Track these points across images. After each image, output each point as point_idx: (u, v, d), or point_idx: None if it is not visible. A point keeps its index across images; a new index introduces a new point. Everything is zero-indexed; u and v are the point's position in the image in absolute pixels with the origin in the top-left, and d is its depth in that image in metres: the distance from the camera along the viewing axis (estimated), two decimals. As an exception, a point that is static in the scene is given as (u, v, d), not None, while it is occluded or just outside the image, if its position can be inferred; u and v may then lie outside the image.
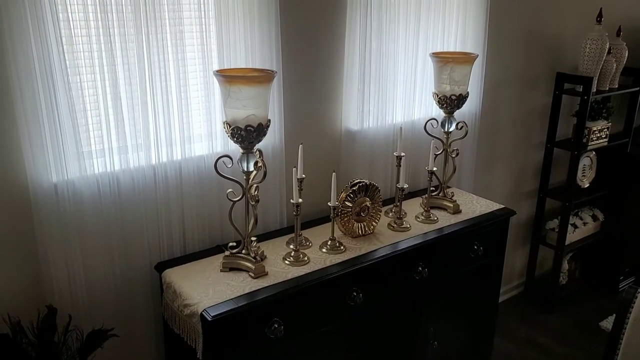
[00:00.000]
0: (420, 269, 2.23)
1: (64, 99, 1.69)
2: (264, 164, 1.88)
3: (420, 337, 2.38)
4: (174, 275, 1.91)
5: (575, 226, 3.54)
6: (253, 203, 1.88)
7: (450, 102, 2.41)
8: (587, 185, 3.49)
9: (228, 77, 1.76)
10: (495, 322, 2.73)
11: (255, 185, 1.88)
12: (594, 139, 3.31)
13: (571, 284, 3.72)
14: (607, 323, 3.33)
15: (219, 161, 1.84)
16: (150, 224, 1.97)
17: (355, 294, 2.03)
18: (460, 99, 2.42)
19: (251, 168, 1.84)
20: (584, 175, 3.48)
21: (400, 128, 2.31)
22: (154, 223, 1.98)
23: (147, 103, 1.86)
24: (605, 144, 3.40)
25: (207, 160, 2.04)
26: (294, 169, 2.00)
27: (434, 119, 2.53)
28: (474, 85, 2.79)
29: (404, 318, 2.39)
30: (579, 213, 3.64)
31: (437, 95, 2.43)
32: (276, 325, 1.82)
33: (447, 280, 2.40)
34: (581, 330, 3.35)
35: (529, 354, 3.14)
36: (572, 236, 3.49)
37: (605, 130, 3.37)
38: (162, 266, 1.97)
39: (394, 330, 2.46)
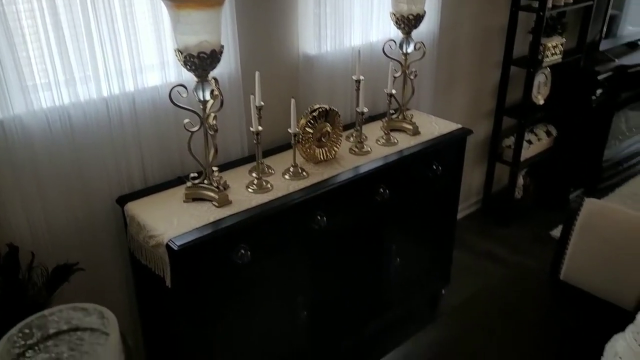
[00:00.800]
0: (381, 190, 2.29)
1: (0, 30, 1.59)
2: (220, 93, 1.85)
3: (383, 255, 2.49)
4: (136, 208, 1.91)
5: (530, 142, 3.66)
6: (212, 133, 1.86)
7: (408, 22, 2.38)
8: (542, 102, 3.57)
9: (176, 0, 1.68)
10: (454, 238, 2.86)
11: (212, 114, 1.85)
12: (548, 55, 3.35)
13: (525, 198, 3.90)
14: (557, 232, 3.52)
15: (173, 91, 1.79)
16: (108, 159, 1.93)
17: (319, 217, 2.08)
18: (418, 19, 2.39)
19: (207, 97, 1.80)
20: (539, 93, 3.55)
21: (359, 51, 2.28)
22: (111, 157, 1.94)
23: (92, 32, 1.77)
24: (560, 60, 3.45)
25: (161, 90, 1.98)
26: (251, 96, 1.96)
27: (392, 40, 2.50)
28: (432, 3, 2.74)
29: (368, 238, 2.48)
30: (534, 130, 3.75)
31: (395, 15, 2.39)
32: (242, 252, 1.86)
33: (408, 201, 2.48)
34: (534, 241, 3.55)
35: (486, 264, 3.33)
36: (526, 152, 3.62)
37: (560, 46, 3.41)
38: (123, 200, 1.96)
39: (358, 250, 2.56)
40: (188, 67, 1.74)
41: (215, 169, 1.97)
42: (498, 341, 1.71)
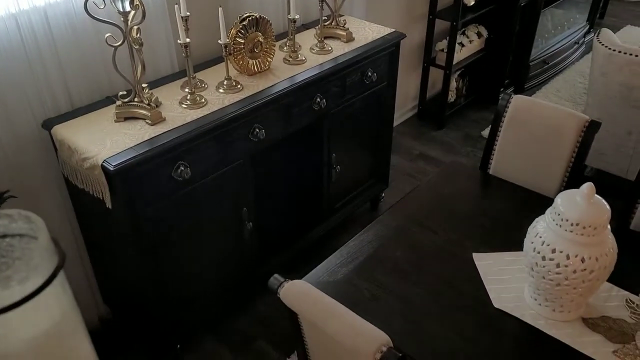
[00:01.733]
0: (318, 100, 2.29)
1: None
2: (141, 2, 1.73)
3: (323, 164, 2.54)
4: (65, 132, 1.83)
5: (462, 45, 3.71)
6: (137, 47, 1.76)
7: None
8: (473, 2, 3.58)
9: None
10: (391, 143, 2.94)
11: (135, 27, 1.75)
12: (479, -46, 3.32)
13: (459, 100, 4.01)
14: (488, 131, 3.70)
15: (89, 2, 1.66)
16: (26, 81, 1.81)
17: (257, 130, 2.07)
18: None
19: (127, 7, 1.69)
20: (470, -7, 3.55)
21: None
22: (29, 79, 1.82)
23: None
24: (490, -41, 3.43)
25: (76, 3, 1.84)
26: (175, 6, 1.86)
27: (321, -60, 2.39)
28: None
29: (308, 148, 2.51)
30: (465, 32, 3.79)
31: None
32: (182, 168, 1.85)
33: (345, 109, 2.50)
34: (466, 140, 3.71)
35: (421, 165, 3.47)
36: (459, 55, 3.67)
37: (490, -56, 3.38)
38: (49, 124, 1.87)
39: (298, 160, 2.60)
40: (102, -26, 1.61)
41: (144, 85, 1.89)
42: (433, 230, 1.83)
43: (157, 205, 1.84)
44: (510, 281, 1.67)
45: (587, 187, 1.40)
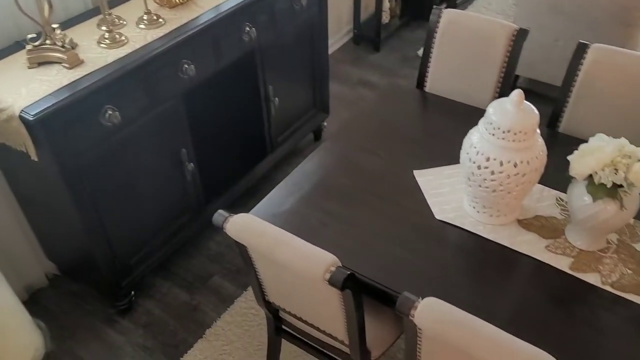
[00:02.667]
0: (247, 29, 2.20)
1: None
2: None
3: (261, 97, 2.48)
4: (-27, 84, 1.69)
5: (392, -37, 3.62)
6: (40, -17, 1.61)
7: None
8: None
9: None
10: (329, 71, 2.90)
11: (35, -40, 1.59)
12: None
13: (393, 21, 3.96)
14: (424, 51, 3.70)
15: None
16: None
17: (186, 66, 1.98)
18: None
19: (22, -62, 1.53)
20: None
21: None
22: None
23: None
24: None
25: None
26: None
27: None
28: None
29: (243, 82, 2.44)
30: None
31: None
32: (110, 112, 1.76)
33: (277, 38, 2.41)
34: (404, 62, 3.70)
35: (361, 91, 3.46)
36: (389, -26, 3.59)
37: None
38: (-45, 77, 1.72)
39: (234, 95, 2.52)
40: None
41: (55, 26, 1.75)
42: (375, 153, 1.85)
43: (88, 154, 1.76)
44: (450, 193, 1.72)
45: (516, 94, 1.43)
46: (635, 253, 1.51)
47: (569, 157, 1.45)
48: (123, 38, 1.87)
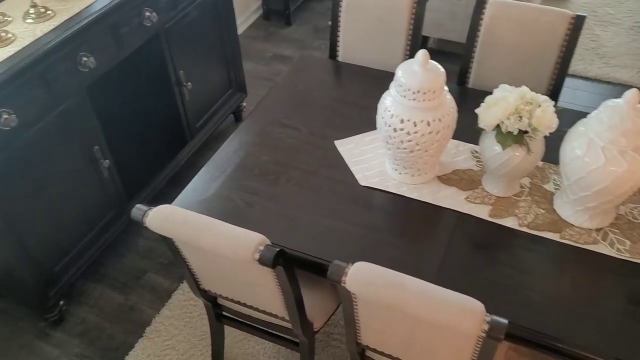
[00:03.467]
0: (147, 14, 2.10)
1: None
2: None
3: (172, 84, 2.39)
4: None
5: None
6: None
7: None
8: None
9: None
10: (240, 50, 2.84)
11: None
12: None
13: (301, -6, 3.93)
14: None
15: None
16: None
17: (85, 59, 1.87)
18: None
19: None
20: None
21: None
22: None
23: None
24: None
25: None
26: None
27: None
28: None
29: (151, 70, 2.34)
30: None
31: None
32: (6, 117, 1.63)
33: (181, 20, 2.33)
34: (316, 33, 3.69)
35: (277, 67, 3.42)
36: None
37: None
38: None
39: (145, 84, 2.42)
40: None
41: None
42: (295, 127, 1.84)
43: (-11, 163, 1.64)
44: (372, 159, 1.75)
45: (421, 54, 1.46)
46: (546, 193, 1.61)
47: (477, 110, 1.51)
48: (10, 36, 1.73)
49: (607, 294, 1.36)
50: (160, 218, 1.30)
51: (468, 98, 1.90)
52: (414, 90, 1.46)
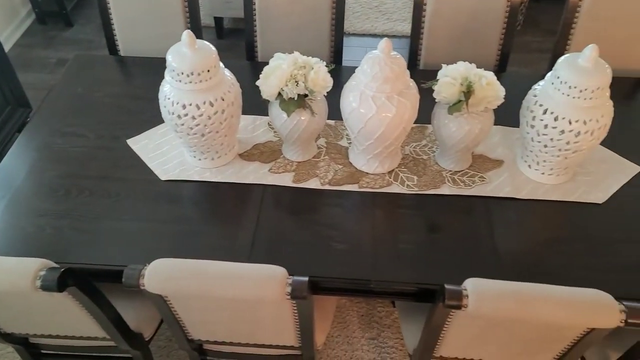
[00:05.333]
0: None
1: None
2: None
3: None
4: None
5: None
6: None
7: None
8: None
9: None
10: (9, 62, 2.52)
11: None
12: None
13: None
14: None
15: None
16: None
17: None
18: None
19: None
20: None
21: None
22: None
23: None
24: None
25: None
26: None
27: None
28: None
29: None
30: None
31: None
32: None
33: None
34: (101, 31, 3.42)
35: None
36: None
37: None
38: None
39: None
40: None
41: None
42: (80, 135, 1.70)
43: None
44: (169, 151, 1.68)
45: (186, 35, 1.42)
46: (341, 149, 1.69)
47: (257, 82, 1.52)
48: None
49: (405, 228, 1.48)
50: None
51: (258, 72, 1.91)
52: (187, 73, 1.42)
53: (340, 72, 1.96)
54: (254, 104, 1.61)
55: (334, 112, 1.59)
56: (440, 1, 1.95)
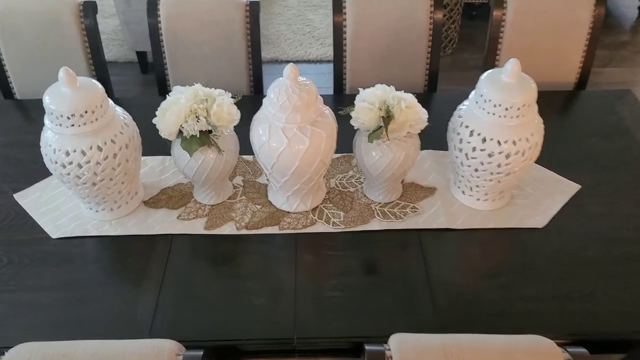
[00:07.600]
0: None
1: None
2: None
3: None
4: None
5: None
6: None
7: None
8: None
9: None
10: None
11: None
12: None
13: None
14: None
15: None
16: None
17: None
18: None
19: None
20: None
21: None
22: None
23: None
24: None
25: None
26: None
27: None
28: None
29: None
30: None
31: None
32: None
33: None
34: None
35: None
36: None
37: None
38: None
39: None
40: None
41: None
42: None
43: None
44: (63, 204, 1.48)
45: (63, 73, 1.24)
46: (260, 187, 1.53)
47: (154, 120, 1.34)
48: None
49: (332, 272, 1.31)
50: None
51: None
52: (68, 115, 1.23)
53: (259, 103, 1.81)
54: (158, 142, 1.42)
55: (251, 146, 1.43)
56: (359, 22, 1.84)
